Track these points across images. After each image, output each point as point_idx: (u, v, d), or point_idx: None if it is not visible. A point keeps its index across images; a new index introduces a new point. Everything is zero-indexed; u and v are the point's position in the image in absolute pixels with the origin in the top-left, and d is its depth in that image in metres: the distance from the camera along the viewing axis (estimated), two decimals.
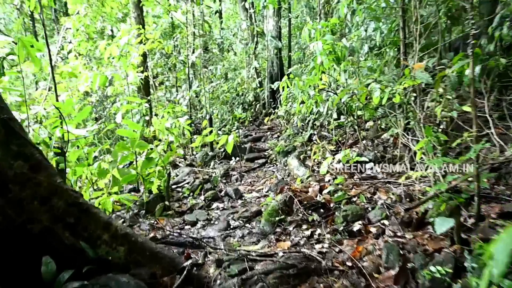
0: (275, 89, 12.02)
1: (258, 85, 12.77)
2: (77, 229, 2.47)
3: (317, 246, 3.31)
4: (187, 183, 6.01)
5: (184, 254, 3.16)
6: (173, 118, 8.68)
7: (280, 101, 12.72)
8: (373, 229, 3.39)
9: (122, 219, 4.83)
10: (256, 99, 12.96)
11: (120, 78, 7.54)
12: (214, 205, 5.06)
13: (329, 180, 5.01)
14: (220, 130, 11.21)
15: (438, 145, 3.54)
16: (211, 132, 8.52)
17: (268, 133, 10.26)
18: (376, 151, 5.50)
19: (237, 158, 7.46)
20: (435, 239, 2.95)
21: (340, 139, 6.79)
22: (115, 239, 2.61)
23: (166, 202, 5.03)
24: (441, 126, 4.15)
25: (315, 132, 7.33)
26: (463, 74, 3.28)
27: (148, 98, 9.92)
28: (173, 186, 6.00)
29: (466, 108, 3.56)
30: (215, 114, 12.34)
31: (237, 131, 8.96)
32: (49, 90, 12.64)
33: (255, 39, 12.85)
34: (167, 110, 8.33)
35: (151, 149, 7.15)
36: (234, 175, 6.37)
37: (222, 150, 7.88)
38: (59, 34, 12.09)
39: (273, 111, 12.48)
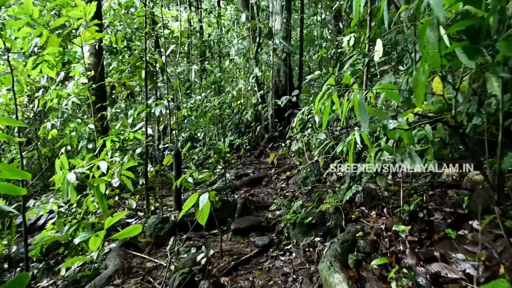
0: (282, 105, 8.82)
1: (260, 100, 9.52)
2: None
3: None
4: None
5: None
6: (123, 150, 5.42)
7: (290, 123, 9.46)
8: None
9: None
10: (256, 118, 9.69)
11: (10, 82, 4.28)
12: None
13: None
14: (202, 165, 7.91)
15: None
16: (178, 175, 5.22)
17: (273, 171, 6.95)
18: None
19: (218, 229, 4.13)
20: None
21: (415, 207, 3.47)
22: None
23: None
24: None
25: (361, 187, 3.98)
26: None
27: (89, 118, 6.63)
28: None
29: None
30: (197, 138, 9.05)
31: (225, 170, 5.64)
32: None
33: (258, 39, 9.65)
34: (110, 138, 5.09)
35: None
36: (204, 285, 3.01)
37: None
38: None
39: (280, 143, 9.16)
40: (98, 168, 3.56)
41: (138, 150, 5.09)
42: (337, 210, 3.96)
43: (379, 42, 3.57)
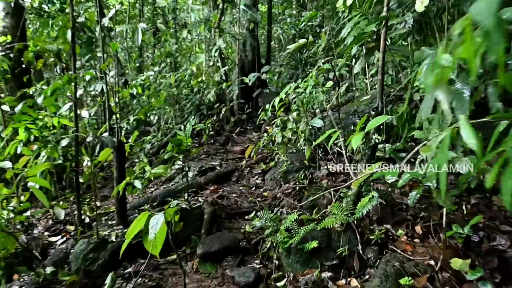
0: (250, 84, 7.55)
1: (224, 77, 8.18)
2: None
3: None
4: None
5: None
6: (43, 141, 3.97)
7: (259, 105, 8.20)
8: None
9: None
10: (219, 99, 8.34)
11: None
12: None
13: None
14: (157, 155, 6.53)
15: None
16: (121, 176, 3.87)
17: (244, 162, 5.72)
18: None
19: (178, 255, 2.89)
20: None
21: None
22: None
23: None
24: None
25: (376, 202, 2.84)
26: None
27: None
28: None
29: None
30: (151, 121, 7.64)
31: (187, 167, 4.30)
32: None
33: (221, 5, 8.22)
34: (22, 124, 3.66)
35: None
36: None
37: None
38: None
39: (249, 127, 7.86)
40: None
41: (65, 142, 3.65)
42: (348, 227, 2.84)
43: None
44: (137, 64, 8.17)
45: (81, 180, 4.55)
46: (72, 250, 3.10)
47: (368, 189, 3.07)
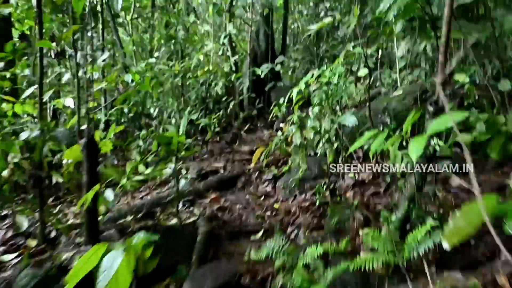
0: (262, 76, 6.77)
1: (234, 67, 7.37)
2: None
3: None
4: None
5: None
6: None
7: (272, 99, 7.37)
8: None
9: None
10: (228, 92, 7.53)
11: None
12: None
13: None
14: (156, 153, 5.75)
15: None
16: (93, 181, 3.07)
17: (252, 165, 4.89)
18: None
19: None
20: None
21: None
22: None
23: None
24: None
25: (439, 237, 2.00)
26: None
27: None
28: None
29: None
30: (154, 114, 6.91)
31: (178, 172, 3.51)
32: None
33: None
34: None
35: None
36: None
37: None
38: None
39: (260, 125, 7.03)
40: None
41: (25, 135, 2.88)
42: (395, 268, 2.00)
43: None
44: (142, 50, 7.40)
45: (60, 181, 3.83)
46: (17, 281, 2.32)
47: (420, 213, 2.22)
